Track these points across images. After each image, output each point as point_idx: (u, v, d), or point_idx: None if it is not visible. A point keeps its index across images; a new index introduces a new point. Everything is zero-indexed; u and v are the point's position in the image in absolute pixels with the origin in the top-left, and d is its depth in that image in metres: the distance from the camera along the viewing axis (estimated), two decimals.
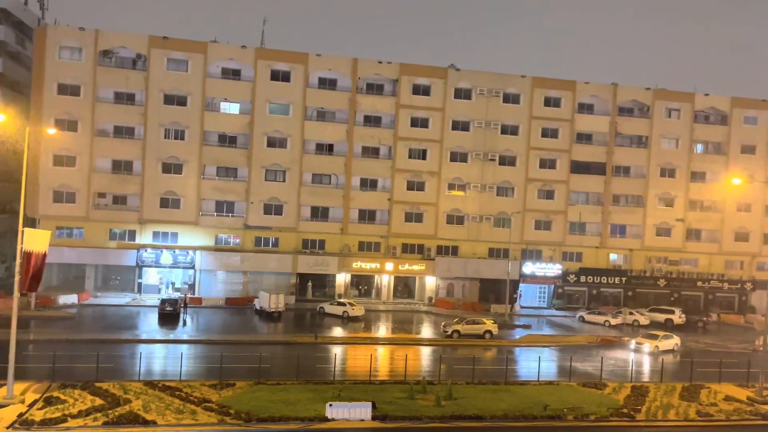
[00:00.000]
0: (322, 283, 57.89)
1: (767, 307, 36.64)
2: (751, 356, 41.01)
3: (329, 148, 57.91)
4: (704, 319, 56.96)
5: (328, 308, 50.88)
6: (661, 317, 55.14)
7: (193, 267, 53.77)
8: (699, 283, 62.73)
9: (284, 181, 56.39)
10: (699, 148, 63.72)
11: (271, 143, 56.17)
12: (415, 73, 58.31)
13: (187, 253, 53.43)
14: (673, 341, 44.04)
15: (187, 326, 43.48)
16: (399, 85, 57.98)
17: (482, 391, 29.83)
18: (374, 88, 58.56)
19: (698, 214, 63.12)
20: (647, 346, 42.47)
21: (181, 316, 45.35)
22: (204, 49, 54.61)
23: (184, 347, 36.72)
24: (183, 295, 49.80)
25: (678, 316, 55.04)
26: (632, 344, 43.51)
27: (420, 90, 58.49)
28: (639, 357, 40.74)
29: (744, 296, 63.49)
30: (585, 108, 61.62)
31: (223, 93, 55.50)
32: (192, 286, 54.08)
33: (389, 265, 57.52)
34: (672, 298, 61.53)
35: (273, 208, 56.14)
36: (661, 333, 44.68)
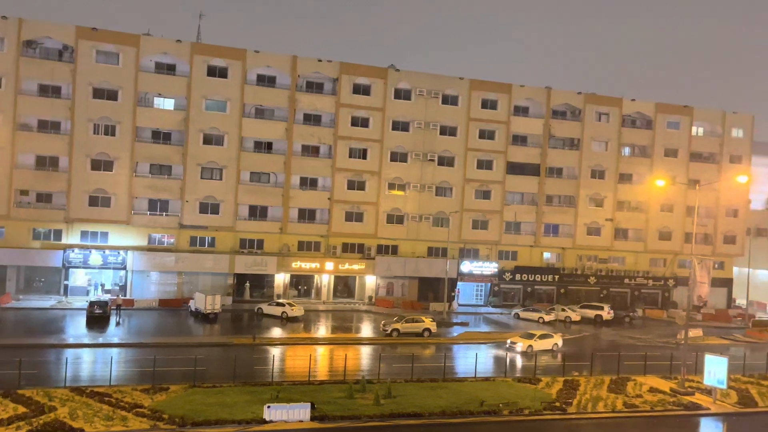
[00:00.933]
0: (261, 283, 57.01)
1: (688, 302, 38.73)
2: (674, 349, 43.26)
3: (268, 146, 57.10)
4: (630, 314, 59.63)
5: (267, 309, 50.15)
6: (591, 313, 57.35)
7: (124, 268, 51.80)
8: (626, 280, 65.66)
9: (221, 179, 55.17)
10: (626, 151, 66.67)
11: (208, 140, 54.83)
12: (356, 73, 58.30)
13: (118, 253, 51.43)
14: (552, 341, 42.42)
15: (118, 329, 41.83)
16: (339, 84, 57.82)
17: (421, 389, 30.13)
18: (314, 87, 58.18)
19: (625, 214, 66.03)
20: (520, 345, 40.80)
21: (113, 318, 43.59)
22: (136, 42, 52.69)
23: (114, 351, 35.27)
24: (114, 297, 47.91)
25: (607, 312, 57.38)
26: (507, 344, 41.68)
27: (360, 89, 58.53)
28: (577, 350, 42.12)
29: (667, 292, 66.92)
30: (520, 111, 63.35)
31: (156, 88, 53.73)
32: (123, 288, 52.09)
33: (329, 265, 57.28)
34: (601, 295, 64.15)
35: (209, 207, 54.83)
36: (538, 333, 43.08)
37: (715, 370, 30.92)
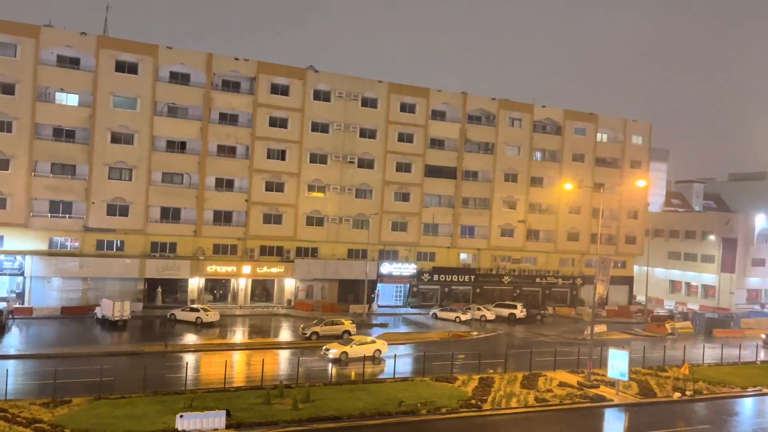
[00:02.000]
0: (174, 288, 54.84)
1: (594, 300, 40.85)
2: (581, 345, 45.44)
3: (182, 146, 55.06)
4: (542, 312, 62.20)
5: (180, 315, 48.29)
6: (505, 312, 59.30)
7: (22, 274, 48.28)
8: (537, 280, 68.44)
9: (131, 179, 52.61)
10: (538, 155, 69.50)
11: (116, 139, 52.13)
12: (274, 72, 57.37)
13: (15, 258, 47.87)
14: (374, 347, 39.07)
15: (15, 339, 38.88)
16: (257, 83, 56.67)
17: (340, 392, 29.99)
18: (230, 86, 56.71)
19: (537, 216, 68.81)
20: (333, 352, 37.48)
21: (10, 327, 40.47)
22: (36, 34, 49.30)
23: (10, 363, 32.74)
24: (8, 305, 44.53)
25: (520, 310, 59.56)
26: (323, 350, 38.42)
27: (279, 90, 57.64)
28: (492, 348, 43.30)
29: (575, 291, 70.35)
30: (438, 115, 64.62)
31: (59, 82, 50.51)
32: (21, 295, 48.52)
33: (246, 268, 55.97)
34: (515, 294, 66.50)
35: (118, 209, 52.12)
36: (357, 338, 40.33)
37: (618, 363, 32.78)
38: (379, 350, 39.31)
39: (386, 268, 60.72)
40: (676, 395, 33.24)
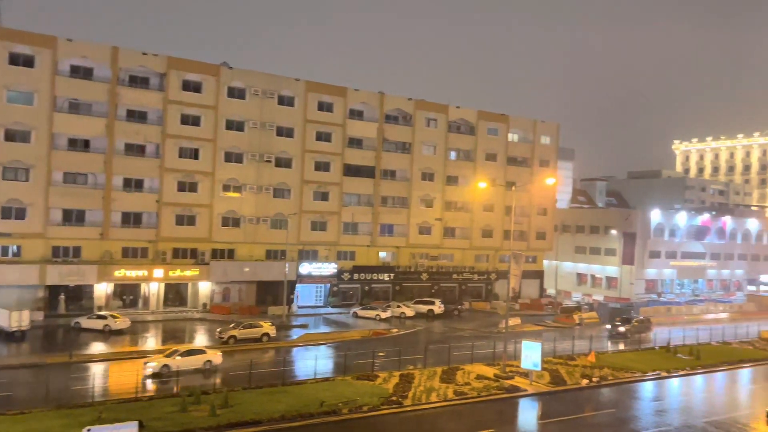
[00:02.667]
0: (79, 295, 51.76)
1: (508, 294, 42.33)
2: (496, 338, 47.00)
3: (85, 144, 52.02)
4: (459, 307, 63.79)
5: (86, 323, 45.58)
6: (424, 308, 60.32)
7: None
8: (454, 276, 70.12)
9: (27, 180, 49.10)
10: (453, 155, 71.17)
11: (10, 136, 48.50)
12: (185, 68, 55.36)
13: None
14: (203, 357, 34.63)
15: None
16: (167, 79, 54.46)
17: (260, 395, 29.38)
18: (139, 81, 54.15)
19: (453, 213, 70.46)
20: (152, 365, 32.94)
21: None
22: None
23: None
24: None
25: (438, 306, 60.77)
26: (144, 363, 33.50)
27: (191, 86, 55.69)
28: (412, 344, 43.82)
29: (489, 285, 72.64)
30: (356, 114, 64.73)
31: None
32: None
33: (158, 272, 53.69)
34: (433, 290, 67.79)
35: (13, 212, 48.48)
36: (184, 347, 35.65)
37: (531, 354, 34.14)
38: (209, 361, 34.69)
39: (306, 268, 60.13)
40: (584, 382, 35.04)
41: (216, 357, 35.51)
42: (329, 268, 61.54)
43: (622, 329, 52.15)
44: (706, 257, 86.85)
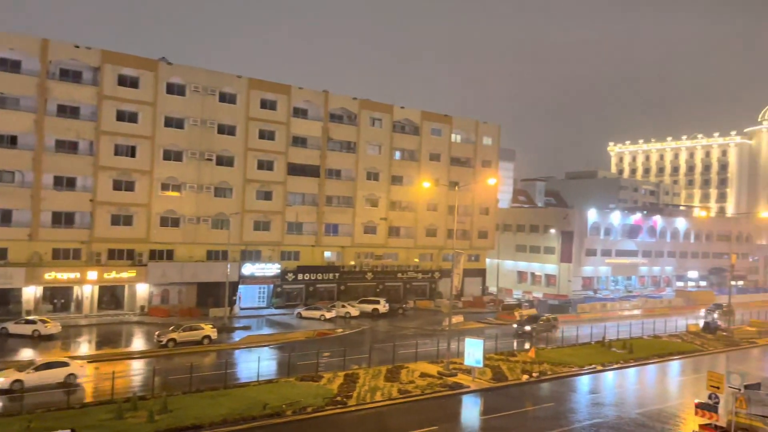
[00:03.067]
0: (6, 299, 49.11)
1: (451, 292, 42.87)
2: (440, 336, 47.53)
3: (12, 140, 49.41)
4: (403, 306, 64.18)
5: (13, 328, 43.26)
6: (369, 307, 60.37)
7: None
8: (399, 275, 70.49)
9: None
10: (397, 155, 71.53)
11: None
12: (121, 63, 53.40)
13: None
14: (65, 371, 30.35)
15: None
16: (102, 74, 52.39)
17: (201, 399, 28.64)
18: (71, 75, 51.88)
19: (398, 213, 70.83)
20: (0, 381, 29.00)
21: None
22: None
23: None
24: None
25: (383, 305, 60.96)
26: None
27: (127, 81, 53.80)
28: (357, 344, 43.72)
29: (433, 284, 73.39)
30: (300, 113, 64.10)
31: None
32: None
33: (92, 274, 51.55)
34: (378, 290, 67.94)
35: None
36: (40, 361, 31.38)
37: (474, 351, 34.71)
38: (73, 374, 30.68)
39: (248, 268, 59.07)
40: (525, 377, 35.90)
41: (80, 369, 31.28)
42: (273, 269, 60.68)
43: (527, 328, 51.96)
44: (639, 255, 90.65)
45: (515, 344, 43.96)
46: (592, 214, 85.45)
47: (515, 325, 54.37)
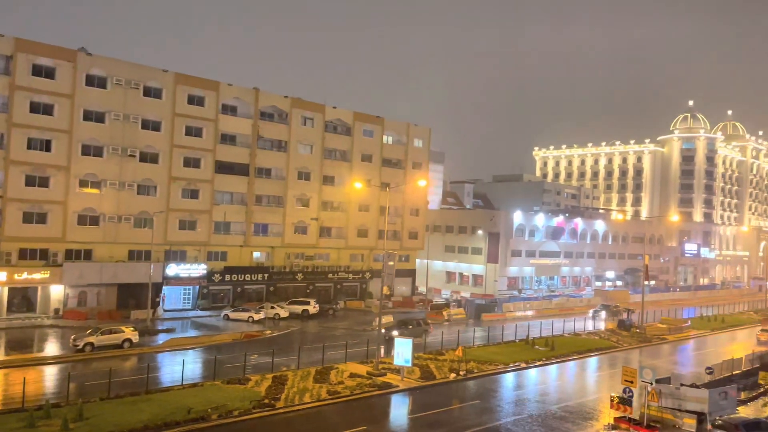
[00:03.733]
0: None
1: (381, 292, 43.09)
2: (370, 336, 47.67)
3: None
4: (334, 306, 63.99)
5: None
6: (298, 308, 59.78)
7: None
8: (330, 275, 70.20)
9: None
10: (329, 154, 71.24)
11: None
12: (35, 52, 50.41)
13: None
14: None
15: None
16: (14, 63, 49.27)
17: (120, 405, 27.43)
18: None
19: (329, 213, 70.52)
20: None
21: None
22: None
23: None
24: None
25: (313, 306, 60.52)
26: None
27: (42, 72, 50.84)
28: (286, 346, 43.12)
29: (364, 284, 73.58)
30: (229, 110, 62.64)
31: None
32: None
33: (2, 275, 48.38)
34: (308, 290, 67.39)
35: None
36: None
37: (403, 350, 35.04)
38: None
39: (173, 269, 57.12)
40: (452, 376, 36.59)
41: None
42: (199, 269, 58.97)
43: (395, 333, 46.10)
44: (561, 256, 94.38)
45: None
46: (517, 216, 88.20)
47: (384, 330, 46.73)
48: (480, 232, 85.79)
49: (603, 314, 65.28)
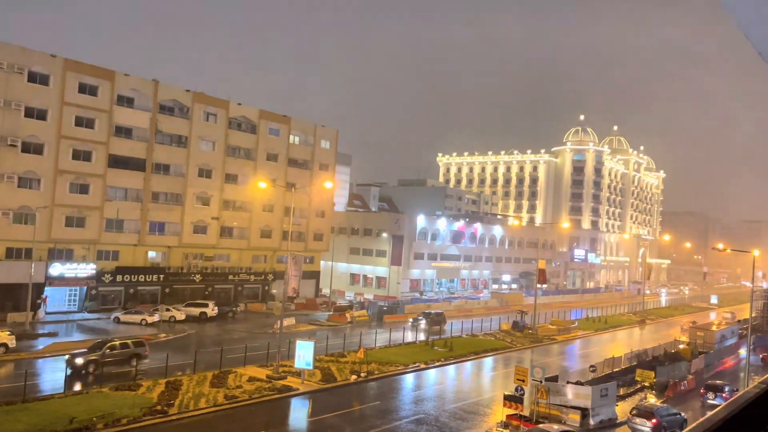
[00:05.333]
0: None
1: (284, 294, 42.44)
2: (270, 338, 46.79)
3: None
4: (233, 309, 62.24)
5: None
6: (196, 311, 57.59)
7: None
8: (230, 277, 68.25)
9: None
10: (233, 152, 69.34)
11: None
12: None
13: None
14: None
15: None
16: None
17: None
18: None
19: (231, 213, 68.60)
20: None
21: None
22: None
23: None
24: None
25: (211, 309, 58.53)
26: None
27: None
28: (182, 349, 41.31)
29: (267, 286, 72.20)
30: (125, 101, 59.35)
31: None
32: None
33: None
34: (207, 292, 65.10)
35: None
36: None
37: (304, 353, 34.64)
38: None
39: (58, 269, 53.21)
40: (353, 378, 36.65)
41: None
42: (87, 269, 55.33)
43: None
44: (461, 259, 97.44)
45: (345, 344, 44.45)
46: (420, 220, 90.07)
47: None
48: (385, 235, 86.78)
49: (422, 323, 57.68)
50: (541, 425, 28.11)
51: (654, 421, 29.25)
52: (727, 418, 2.72)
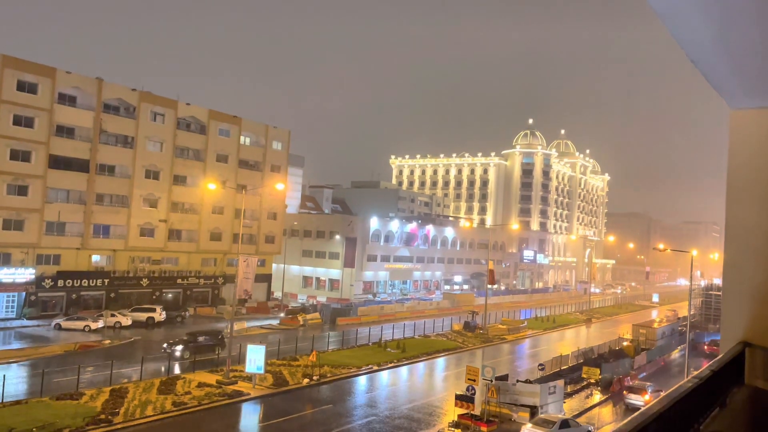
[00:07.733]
0: None
1: (234, 298, 41.71)
2: (222, 343, 45.85)
3: None
4: (182, 313, 60.77)
5: None
6: (143, 316, 55.95)
7: None
8: (179, 281, 66.62)
9: None
10: (181, 153, 67.77)
11: None
12: None
13: None
14: None
15: None
16: None
17: None
18: None
19: (179, 215, 66.99)
20: None
21: None
22: None
23: None
24: None
25: (159, 314, 56.98)
26: None
27: None
28: (128, 356, 40.05)
29: (217, 290, 70.83)
30: (67, 99, 57.21)
31: None
32: None
33: None
34: (154, 297, 63.36)
35: None
36: None
37: (255, 357, 34.16)
38: None
39: None
40: (306, 381, 36.35)
41: None
42: (26, 274, 53.02)
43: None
44: (414, 261, 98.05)
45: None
46: (374, 222, 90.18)
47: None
48: (338, 237, 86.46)
49: (179, 350, 40.87)
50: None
51: None
52: (661, 411, 2.81)
